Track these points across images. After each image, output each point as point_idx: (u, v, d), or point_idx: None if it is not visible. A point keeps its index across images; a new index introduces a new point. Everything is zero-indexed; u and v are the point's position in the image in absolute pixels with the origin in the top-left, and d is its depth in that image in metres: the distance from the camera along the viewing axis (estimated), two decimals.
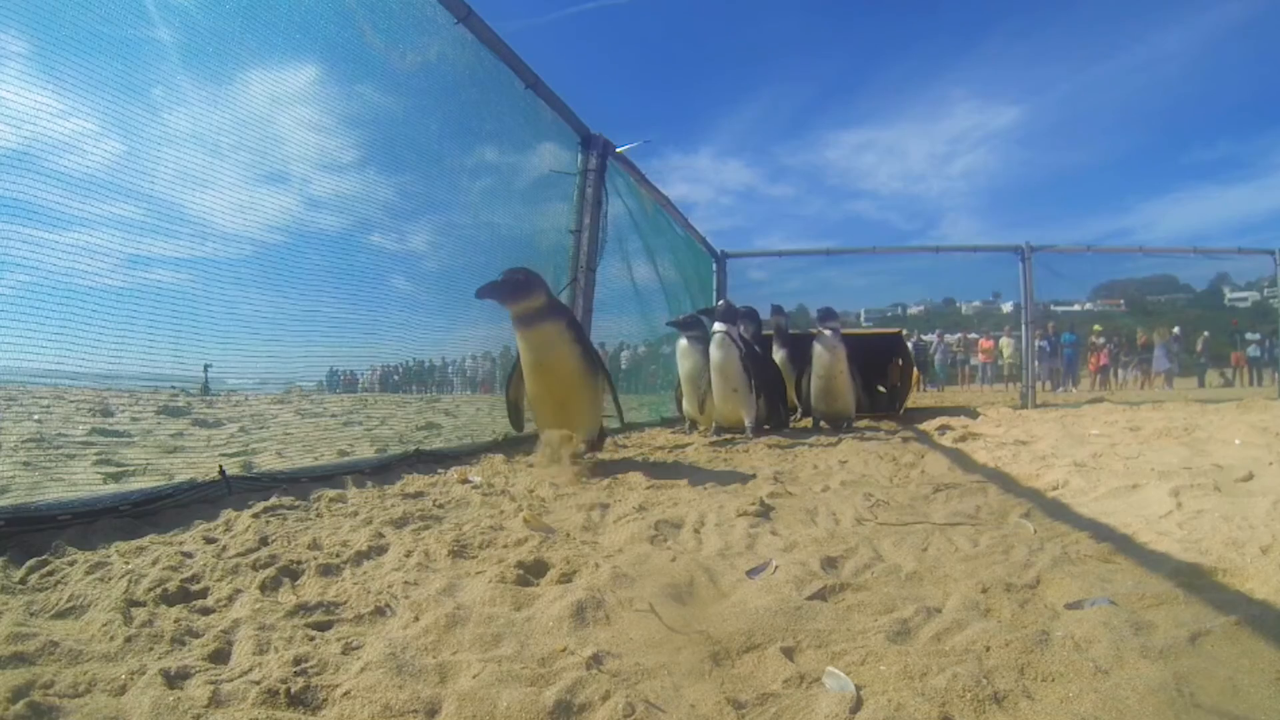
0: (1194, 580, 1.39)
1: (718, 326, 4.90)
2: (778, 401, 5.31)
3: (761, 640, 1.14)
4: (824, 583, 1.39)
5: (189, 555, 1.59)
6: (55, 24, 1.88)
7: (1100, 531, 1.83)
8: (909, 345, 8.32)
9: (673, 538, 1.83)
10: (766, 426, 5.03)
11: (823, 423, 5.49)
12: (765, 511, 2.11)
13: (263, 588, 1.39)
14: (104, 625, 1.17)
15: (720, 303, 5.22)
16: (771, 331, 6.11)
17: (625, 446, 4.13)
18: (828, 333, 5.42)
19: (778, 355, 5.93)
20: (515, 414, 3.44)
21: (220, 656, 1.09)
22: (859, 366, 6.78)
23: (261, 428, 4.33)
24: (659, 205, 6.26)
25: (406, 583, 1.42)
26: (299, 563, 1.54)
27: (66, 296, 1.93)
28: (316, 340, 2.79)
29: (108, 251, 2.00)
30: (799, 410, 5.87)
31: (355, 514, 2.07)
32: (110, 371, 2.12)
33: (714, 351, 4.83)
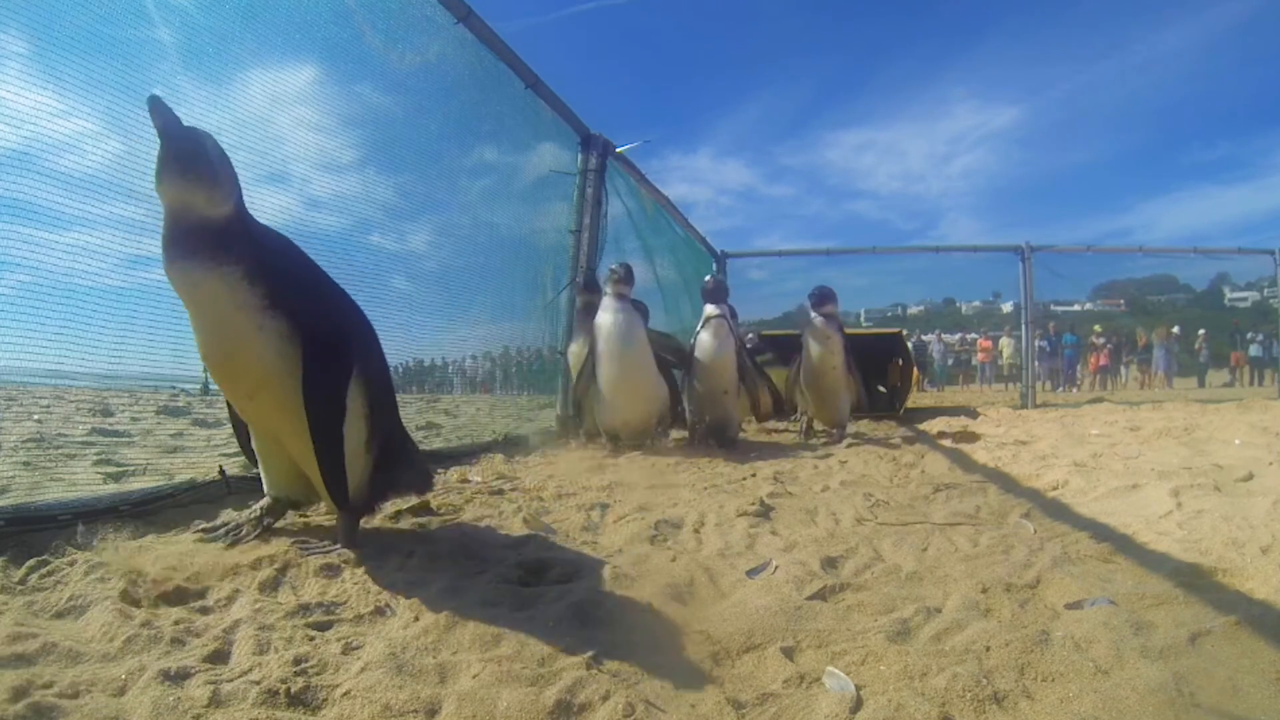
0: (1194, 580, 1.39)
1: (710, 309, 3.96)
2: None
3: (761, 640, 1.14)
4: (824, 583, 1.39)
5: (189, 555, 1.59)
6: (55, 24, 1.88)
7: (1100, 531, 1.83)
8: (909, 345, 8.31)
9: (673, 538, 1.83)
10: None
11: (818, 425, 4.70)
12: (765, 511, 2.11)
13: (262, 588, 1.39)
14: (104, 625, 1.17)
15: (709, 278, 4.20)
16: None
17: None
18: (819, 320, 4.37)
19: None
20: (240, 432, 1.83)
21: (220, 656, 1.09)
22: (857, 365, 6.73)
23: None
24: (659, 205, 6.26)
25: (407, 582, 1.42)
26: (299, 562, 1.54)
27: (66, 296, 1.93)
28: None
29: (108, 251, 2.00)
30: (798, 410, 5.24)
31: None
32: (110, 371, 2.11)
33: (707, 340, 3.90)
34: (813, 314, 4.40)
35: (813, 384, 4.45)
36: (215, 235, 1.40)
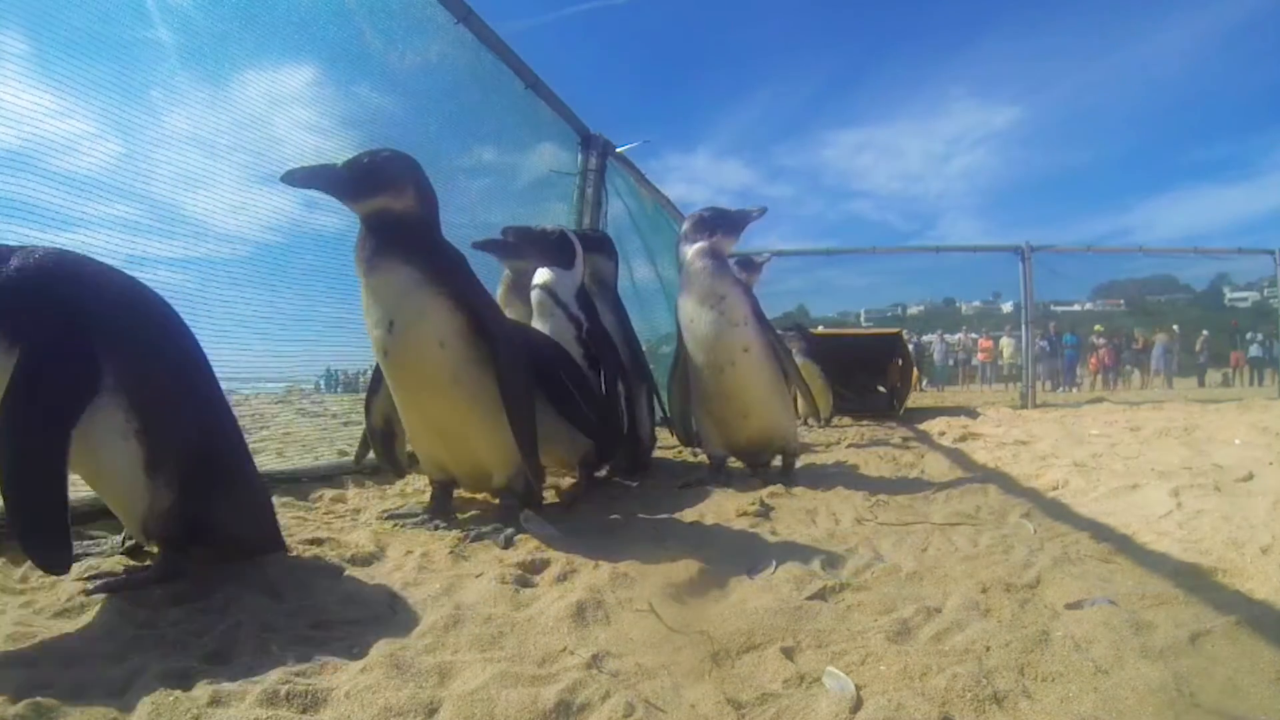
0: (1194, 580, 1.39)
1: (543, 275, 2.43)
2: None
3: (761, 640, 1.14)
4: (824, 583, 1.39)
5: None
6: (54, 25, 1.88)
7: (1100, 531, 1.83)
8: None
9: (673, 537, 1.83)
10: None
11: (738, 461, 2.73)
12: (765, 511, 2.11)
13: (263, 588, 1.39)
14: (104, 625, 1.17)
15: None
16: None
17: None
18: (701, 264, 2.41)
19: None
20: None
21: (220, 656, 1.09)
22: (857, 366, 6.72)
23: (262, 428, 4.33)
24: (659, 205, 6.26)
25: (406, 583, 1.42)
26: (298, 563, 1.54)
27: None
28: (314, 340, 2.78)
29: (107, 251, 2.00)
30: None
31: (356, 514, 2.06)
32: None
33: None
34: (686, 249, 2.44)
35: (707, 388, 2.45)
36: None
